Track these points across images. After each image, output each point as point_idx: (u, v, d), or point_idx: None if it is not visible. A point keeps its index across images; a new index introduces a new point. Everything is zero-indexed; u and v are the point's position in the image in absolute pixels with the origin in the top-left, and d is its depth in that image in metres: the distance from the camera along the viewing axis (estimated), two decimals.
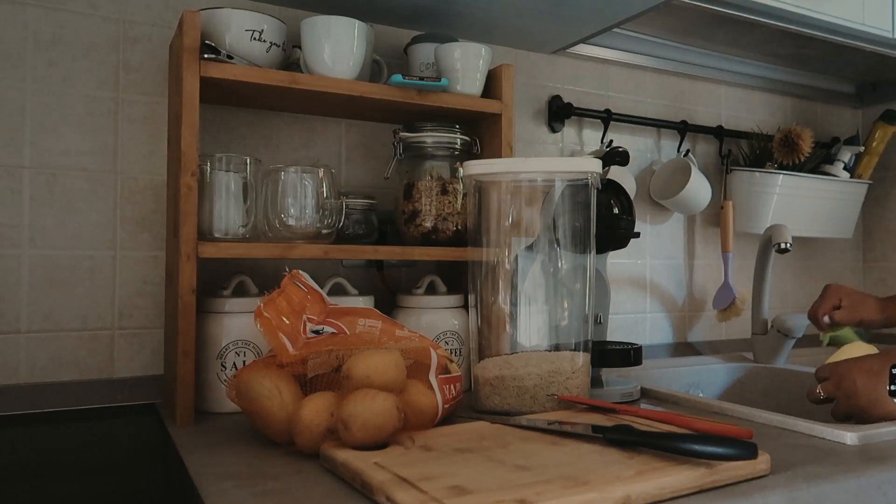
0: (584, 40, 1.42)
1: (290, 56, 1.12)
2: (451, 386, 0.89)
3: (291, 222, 1.04)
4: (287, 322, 0.84)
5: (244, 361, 0.98)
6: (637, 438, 0.71)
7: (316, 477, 0.70)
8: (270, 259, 1.08)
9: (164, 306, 1.11)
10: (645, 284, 1.62)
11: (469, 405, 1.00)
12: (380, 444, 0.73)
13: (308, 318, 0.87)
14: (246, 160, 1.04)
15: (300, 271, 0.93)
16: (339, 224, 1.08)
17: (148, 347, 1.11)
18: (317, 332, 0.86)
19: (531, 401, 0.95)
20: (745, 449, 0.66)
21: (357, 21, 1.05)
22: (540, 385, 0.95)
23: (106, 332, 1.09)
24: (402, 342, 0.88)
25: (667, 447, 0.68)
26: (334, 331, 0.87)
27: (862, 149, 1.76)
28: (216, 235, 1.01)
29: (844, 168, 1.72)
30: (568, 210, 0.99)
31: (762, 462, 0.70)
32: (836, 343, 1.25)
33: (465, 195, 1.16)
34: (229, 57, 0.99)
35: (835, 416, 0.97)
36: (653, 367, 1.41)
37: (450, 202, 1.16)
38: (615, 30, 1.40)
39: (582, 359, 0.98)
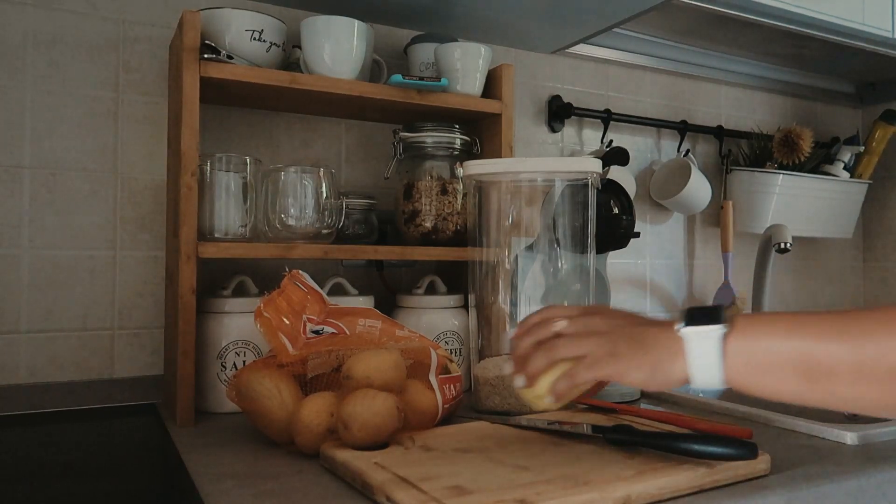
0: (584, 40, 1.42)
1: (290, 56, 1.12)
2: (451, 386, 0.88)
3: (291, 222, 1.04)
4: (287, 322, 0.84)
5: (244, 361, 0.98)
6: (637, 438, 0.71)
7: (316, 477, 0.70)
8: (270, 259, 1.08)
9: (164, 306, 1.11)
10: (645, 284, 1.62)
11: (469, 405, 1.00)
12: (380, 444, 0.73)
13: (308, 318, 0.87)
14: (246, 160, 1.04)
15: (300, 271, 0.93)
16: (339, 224, 1.08)
17: (148, 347, 1.11)
18: (317, 332, 0.86)
19: None
20: (745, 449, 0.66)
21: (357, 21, 1.05)
22: None
23: (106, 332, 1.09)
24: (402, 342, 0.88)
25: (667, 447, 0.68)
26: (334, 331, 0.87)
27: (862, 149, 1.76)
28: (216, 235, 1.01)
29: (844, 168, 1.72)
30: (568, 210, 0.99)
31: (762, 462, 0.70)
32: None
33: (465, 195, 1.16)
34: (229, 57, 0.99)
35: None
36: None
37: (450, 202, 1.16)
38: (615, 30, 1.40)
39: None
